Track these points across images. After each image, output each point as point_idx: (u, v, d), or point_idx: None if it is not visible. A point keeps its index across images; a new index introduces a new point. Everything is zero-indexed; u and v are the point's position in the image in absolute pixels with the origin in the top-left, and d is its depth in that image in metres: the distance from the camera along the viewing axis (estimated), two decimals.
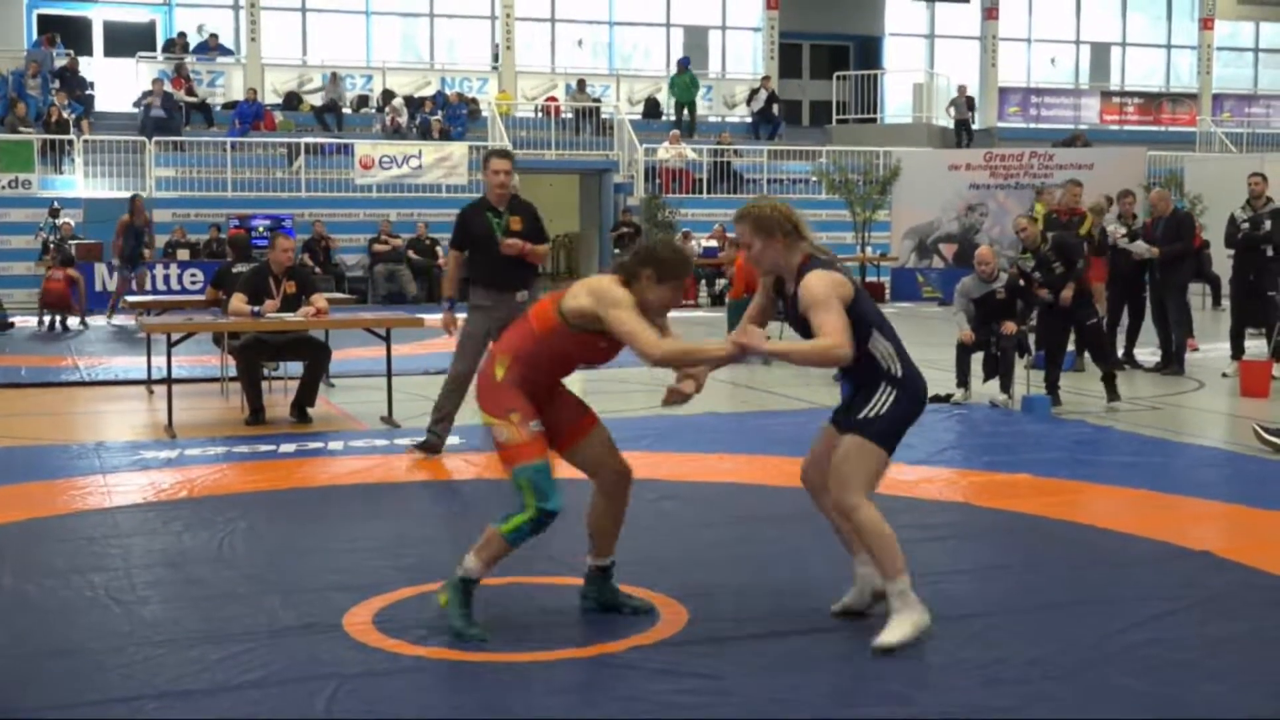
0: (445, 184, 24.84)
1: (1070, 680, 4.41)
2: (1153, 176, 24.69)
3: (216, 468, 8.17)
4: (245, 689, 4.30)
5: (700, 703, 4.20)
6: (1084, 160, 23.71)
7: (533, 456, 4.80)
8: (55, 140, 23.79)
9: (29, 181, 22.78)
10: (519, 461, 4.82)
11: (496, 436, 4.87)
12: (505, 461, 4.86)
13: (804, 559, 5.98)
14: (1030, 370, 11.27)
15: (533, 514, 4.80)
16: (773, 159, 27.99)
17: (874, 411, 4.87)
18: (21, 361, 14.07)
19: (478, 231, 8.40)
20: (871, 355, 4.95)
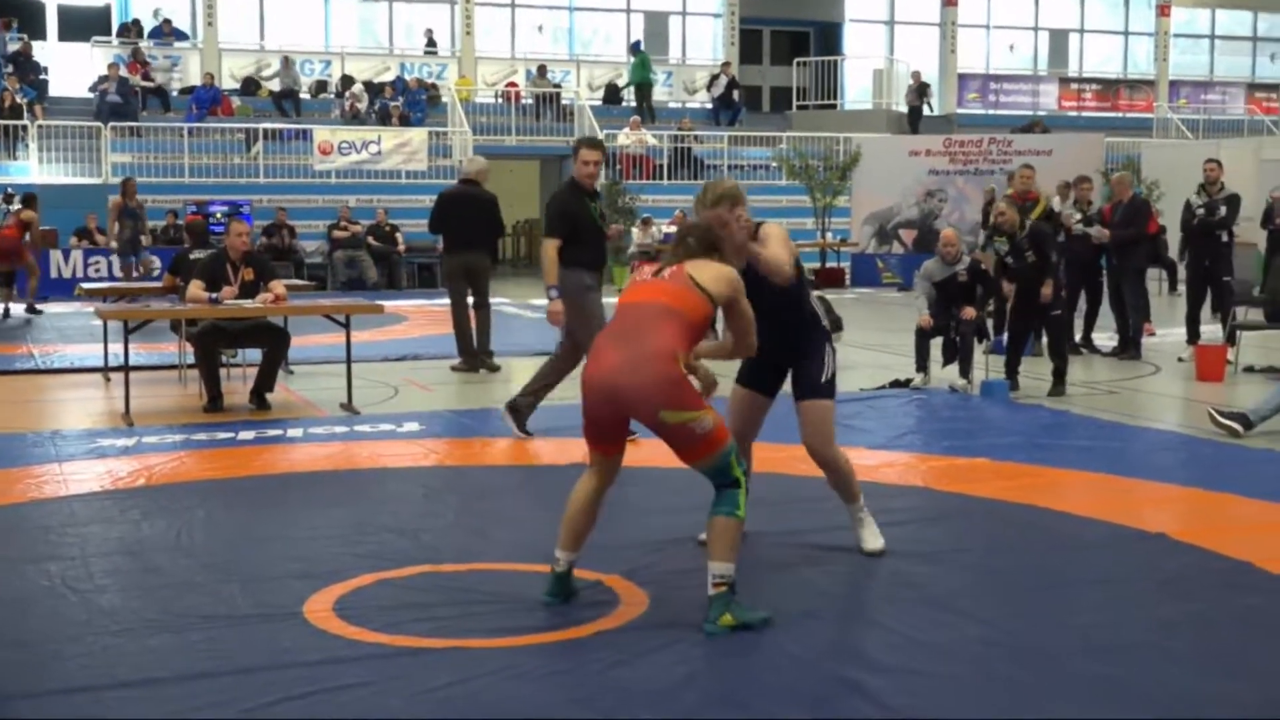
0: (405, 170, 24.75)
1: (1028, 663, 4.44)
2: (1110, 162, 24.86)
3: (174, 455, 8.12)
4: (205, 678, 4.28)
5: (665, 687, 4.21)
6: (1042, 146, 23.83)
7: (728, 435, 4.88)
8: (9, 126, 23.57)
9: None
10: (725, 444, 4.82)
11: (698, 428, 4.74)
12: (708, 450, 4.78)
13: (765, 543, 6.00)
14: (989, 355, 11.34)
15: (744, 481, 4.87)
16: (733, 145, 28.02)
17: (827, 375, 5.73)
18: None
19: (583, 218, 8.51)
20: (814, 313, 5.65)
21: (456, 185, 12.63)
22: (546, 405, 8.86)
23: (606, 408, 4.86)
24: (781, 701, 4.07)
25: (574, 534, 5.09)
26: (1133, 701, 4.10)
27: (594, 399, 4.88)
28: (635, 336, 4.83)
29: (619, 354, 4.81)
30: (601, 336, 5.00)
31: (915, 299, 11.16)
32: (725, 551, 4.77)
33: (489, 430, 9.07)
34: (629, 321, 4.92)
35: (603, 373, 4.82)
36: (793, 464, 7.79)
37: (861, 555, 5.81)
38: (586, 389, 4.91)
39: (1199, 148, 24.52)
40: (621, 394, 4.77)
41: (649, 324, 4.85)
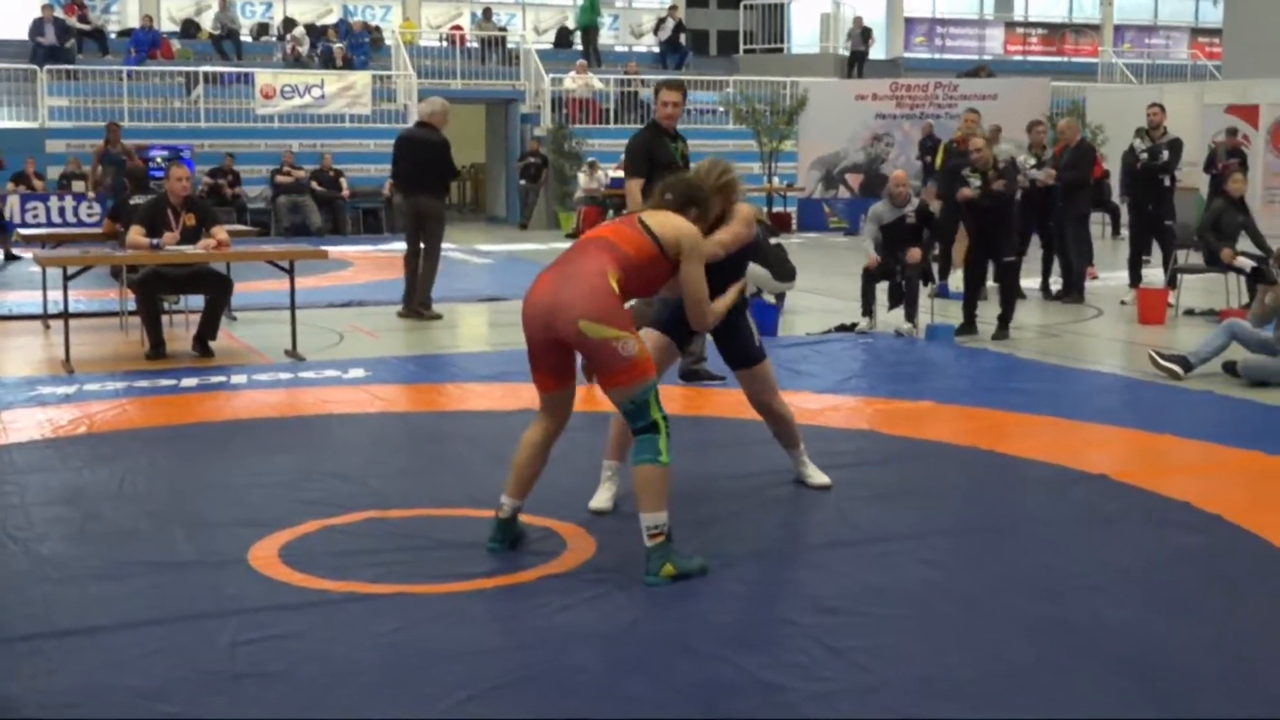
0: (349, 114, 24.49)
1: (972, 605, 4.48)
2: (1056, 107, 24.93)
3: (116, 403, 8.04)
4: (149, 625, 4.25)
5: (610, 632, 4.22)
6: (988, 91, 23.86)
7: (653, 370, 4.78)
8: None
9: None
10: (647, 377, 4.72)
11: (622, 350, 4.64)
12: (629, 377, 4.67)
13: (713, 486, 6.02)
14: (934, 299, 11.38)
15: (665, 426, 4.75)
16: None
17: (757, 339, 5.90)
18: None
19: (662, 159, 8.28)
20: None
21: (411, 128, 12.52)
22: (500, 350, 8.83)
23: (540, 331, 4.82)
24: (728, 643, 4.08)
25: (520, 480, 5.07)
26: (1074, 641, 4.14)
27: (529, 324, 4.86)
28: (569, 262, 4.86)
29: (551, 276, 4.84)
30: (544, 269, 4.97)
31: (862, 242, 11.17)
32: (655, 501, 4.71)
33: (436, 376, 9.03)
34: (570, 254, 4.95)
35: (535, 295, 4.84)
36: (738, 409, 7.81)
37: (810, 493, 5.84)
38: (524, 315, 4.88)
39: (1143, 92, 24.67)
40: (550, 310, 4.74)
41: (585, 251, 4.89)
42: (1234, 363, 8.82)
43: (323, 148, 23.69)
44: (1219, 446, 6.90)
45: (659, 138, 8.49)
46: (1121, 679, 3.85)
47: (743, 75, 28.37)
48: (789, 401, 6.16)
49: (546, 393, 5.03)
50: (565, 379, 5.01)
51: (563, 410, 5.08)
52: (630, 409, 4.75)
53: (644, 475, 4.71)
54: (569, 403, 5.09)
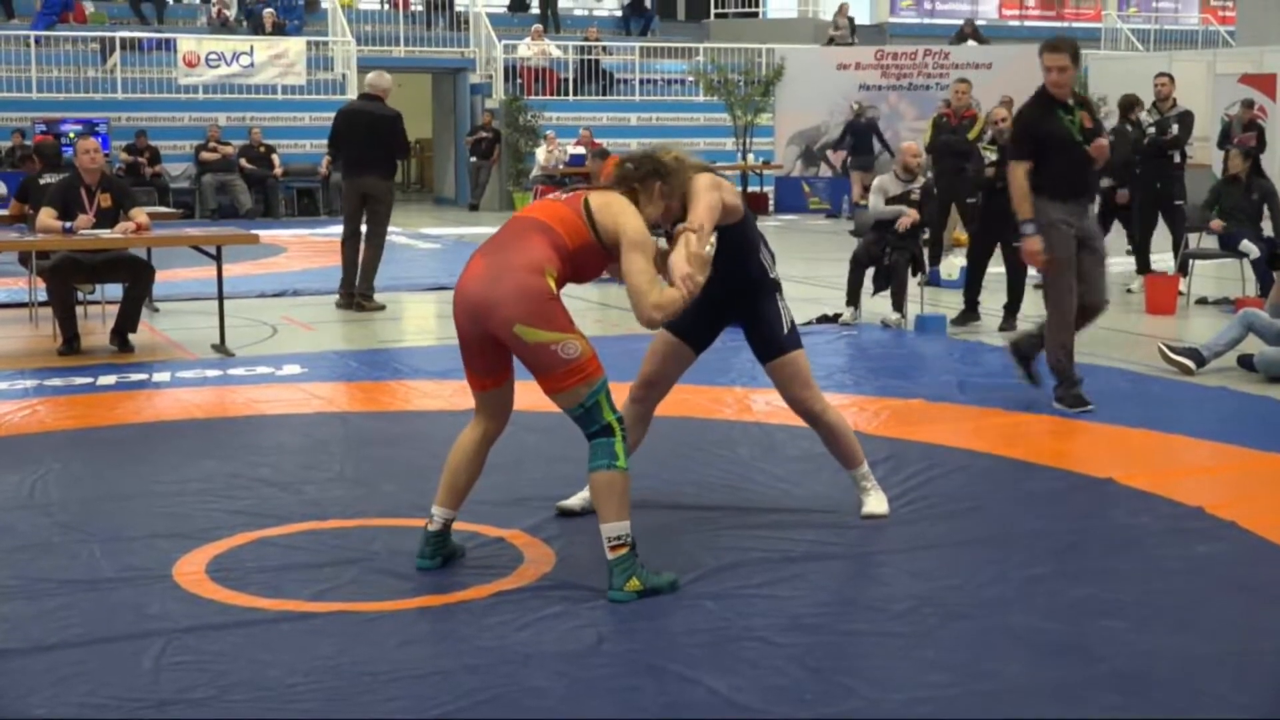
0: (281, 84, 24.40)
1: (964, 619, 4.51)
2: None
3: (26, 403, 8.00)
4: (64, 648, 4.23)
5: (571, 652, 4.23)
6: (982, 59, 24.00)
7: (601, 370, 4.76)
8: None
9: None
10: (593, 378, 4.72)
11: (563, 352, 4.66)
12: (573, 380, 4.68)
13: (678, 491, 6.03)
14: (924, 288, 11.43)
15: (620, 428, 4.75)
16: (645, 57, 27.91)
17: (787, 324, 5.57)
18: None
19: (1054, 134, 7.63)
20: (763, 265, 5.53)
21: (356, 100, 12.48)
22: (448, 344, 8.80)
23: (470, 325, 4.83)
24: (698, 664, 4.10)
25: (453, 488, 5.03)
26: (1075, 657, 4.17)
27: (459, 316, 4.87)
28: (504, 248, 4.83)
29: (484, 265, 4.81)
30: (477, 250, 4.95)
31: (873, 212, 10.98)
32: (616, 510, 4.69)
33: (378, 373, 9.02)
34: (504, 234, 4.91)
35: (466, 285, 4.83)
36: (716, 409, 7.83)
37: (789, 500, 5.85)
38: (455, 306, 4.87)
39: (1149, 60, 24.81)
40: (480, 305, 4.75)
41: (521, 236, 4.84)
42: (1250, 356, 8.89)
43: (252, 121, 23.59)
44: (1234, 447, 6.96)
45: (1049, 110, 7.71)
46: (1123, 697, 3.88)
47: (714, 42, 28.41)
48: (769, 399, 6.16)
49: (481, 391, 5.02)
50: (501, 376, 5.00)
51: (501, 410, 5.07)
52: (580, 414, 4.75)
53: (602, 482, 4.71)
54: (508, 402, 5.08)
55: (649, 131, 26.37)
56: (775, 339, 5.53)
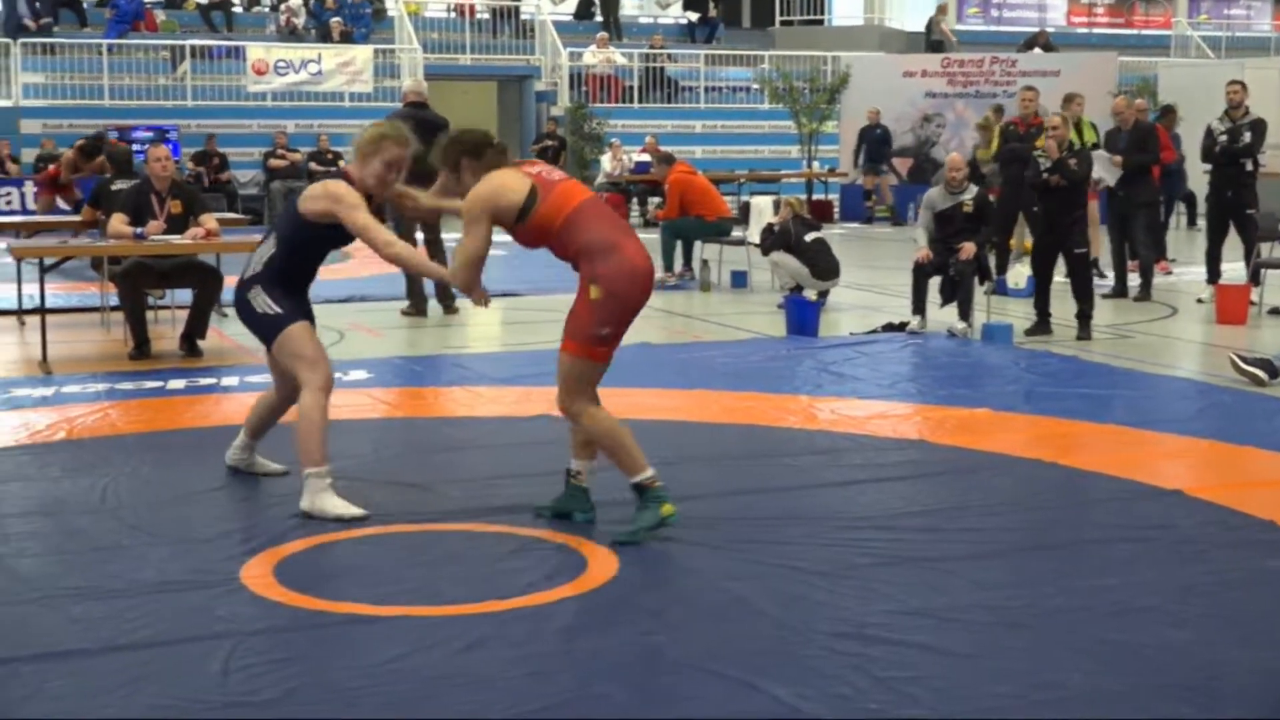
0: (348, 92, 24.56)
1: (1028, 628, 4.49)
2: (1124, 84, 24.86)
3: (97, 407, 8.09)
4: (133, 649, 4.28)
5: (633, 658, 4.24)
6: (1049, 66, 23.81)
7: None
8: None
9: None
10: None
11: None
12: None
13: (741, 498, 6.03)
14: (991, 296, 11.37)
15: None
16: (710, 65, 27.90)
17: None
18: None
19: None
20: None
21: (402, 108, 12.54)
22: (514, 351, 8.86)
23: (642, 301, 5.48)
24: (762, 671, 4.09)
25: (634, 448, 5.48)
26: (1141, 669, 4.14)
27: (639, 292, 5.43)
28: (626, 225, 5.55)
29: (640, 242, 5.45)
30: (614, 230, 5.42)
31: (913, 233, 11.18)
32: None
33: (444, 379, 9.07)
34: (621, 218, 5.64)
35: (646, 262, 5.41)
36: (781, 417, 7.83)
37: (853, 507, 5.84)
38: (635, 280, 5.36)
39: (1221, 68, 24.54)
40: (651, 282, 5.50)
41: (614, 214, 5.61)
42: None
43: (320, 128, 23.75)
44: None
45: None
46: (1189, 709, 3.85)
47: (779, 49, 28.35)
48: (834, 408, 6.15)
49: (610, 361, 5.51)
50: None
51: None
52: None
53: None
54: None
55: (714, 139, 26.39)
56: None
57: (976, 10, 34.34)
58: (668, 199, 14.56)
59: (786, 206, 12.71)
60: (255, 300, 5.91)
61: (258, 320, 5.93)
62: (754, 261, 13.86)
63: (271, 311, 5.89)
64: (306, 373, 5.86)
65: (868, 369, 9.34)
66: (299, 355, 5.87)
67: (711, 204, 14.32)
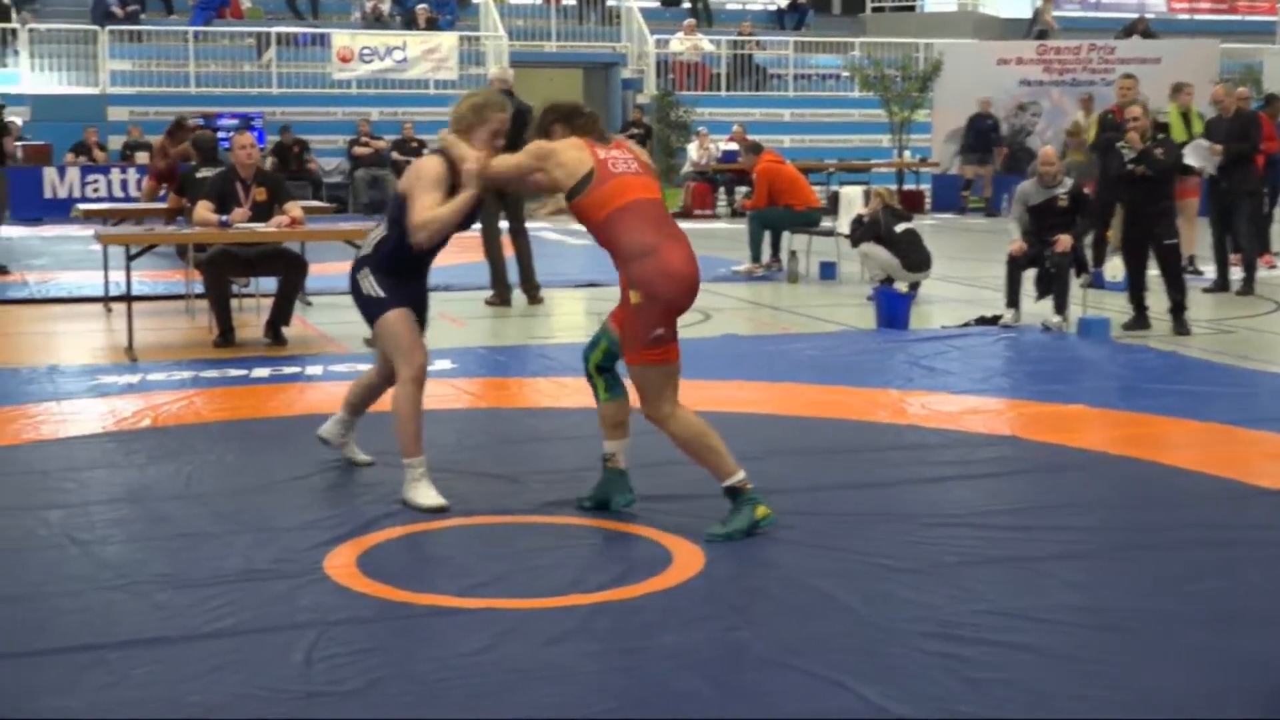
0: (433, 79, 24.71)
1: (1122, 630, 4.44)
2: (1226, 72, 24.48)
3: (182, 394, 8.20)
4: (217, 637, 4.34)
5: (717, 654, 4.24)
6: (1149, 54, 23.51)
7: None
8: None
9: None
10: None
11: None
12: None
13: (829, 494, 6.01)
14: (1088, 290, 11.25)
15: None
16: (799, 52, 27.80)
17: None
18: None
19: None
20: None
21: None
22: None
23: (686, 304, 5.46)
24: (849, 670, 4.08)
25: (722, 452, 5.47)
26: (1241, 673, 4.09)
27: (684, 295, 5.41)
28: (681, 232, 5.49)
29: (689, 247, 5.46)
30: (656, 234, 5.38)
31: (1007, 225, 11.10)
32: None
33: (528, 370, 9.10)
34: (667, 218, 5.52)
35: (690, 267, 5.40)
36: (870, 411, 7.80)
37: (943, 505, 5.80)
38: (679, 284, 5.34)
39: None
40: (697, 285, 5.46)
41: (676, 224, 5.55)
42: None
43: (404, 116, 23.92)
44: None
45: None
46: None
47: (870, 36, 28.21)
48: (925, 402, 6.11)
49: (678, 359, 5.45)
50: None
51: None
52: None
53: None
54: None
55: (803, 128, 26.30)
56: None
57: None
58: (755, 189, 14.52)
59: (876, 197, 12.64)
60: (363, 281, 5.98)
61: (363, 301, 6.00)
62: (843, 252, 13.80)
63: (375, 295, 5.93)
64: (399, 363, 5.91)
65: (959, 363, 9.27)
66: (394, 344, 5.92)
67: (800, 194, 14.28)
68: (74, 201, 19.23)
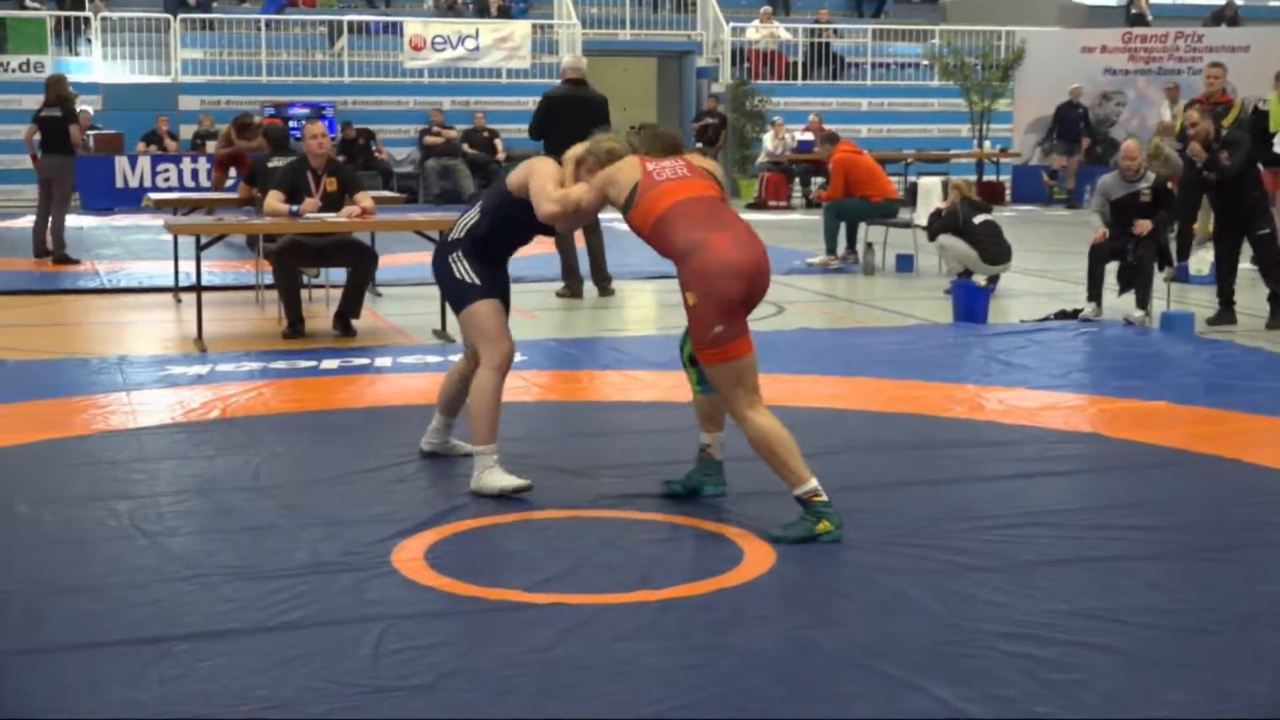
0: (505, 68, 24.79)
1: (1205, 634, 4.39)
2: None
3: (251, 385, 8.28)
4: (284, 630, 4.38)
5: (791, 652, 4.23)
6: (1238, 42, 23.23)
7: None
8: (69, 18, 23.97)
9: (42, 64, 22.90)
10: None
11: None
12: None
13: (905, 490, 5.98)
14: (1171, 284, 11.13)
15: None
16: (877, 40, 27.66)
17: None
18: (36, 266, 14.29)
19: None
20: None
21: (562, 85, 12.60)
22: (670, 334, 8.83)
23: (749, 292, 5.37)
24: (923, 670, 4.06)
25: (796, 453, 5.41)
26: None
27: (743, 282, 5.32)
28: (736, 222, 5.50)
29: (746, 233, 5.44)
30: (703, 228, 5.36)
31: (1089, 217, 11.01)
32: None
33: (599, 362, 9.12)
34: (716, 211, 5.49)
35: (751, 254, 5.37)
36: (948, 406, 7.75)
37: (1023, 502, 5.76)
38: (738, 273, 5.29)
39: None
40: (765, 271, 5.45)
41: (732, 214, 5.56)
42: None
43: (476, 105, 24.02)
44: None
45: None
46: None
47: (950, 24, 28.01)
48: (1003, 398, 6.07)
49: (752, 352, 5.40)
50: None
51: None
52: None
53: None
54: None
55: (880, 118, 26.16)
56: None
57: None
58: (831, 179, 14.46)
59: (954, 190, 12.57)
60: (455, 265, 6.05)
61: (454, 285, 6.07)
62: (920, 245, 13.73)
63: (467, 280, 6.03)
64: (486, 350, 6.00)
65: (1039, 358, 9.20)
66: (482, 332, 6.01)
67: (877, 184, 14.21)
68: (145, 191, 19.46)
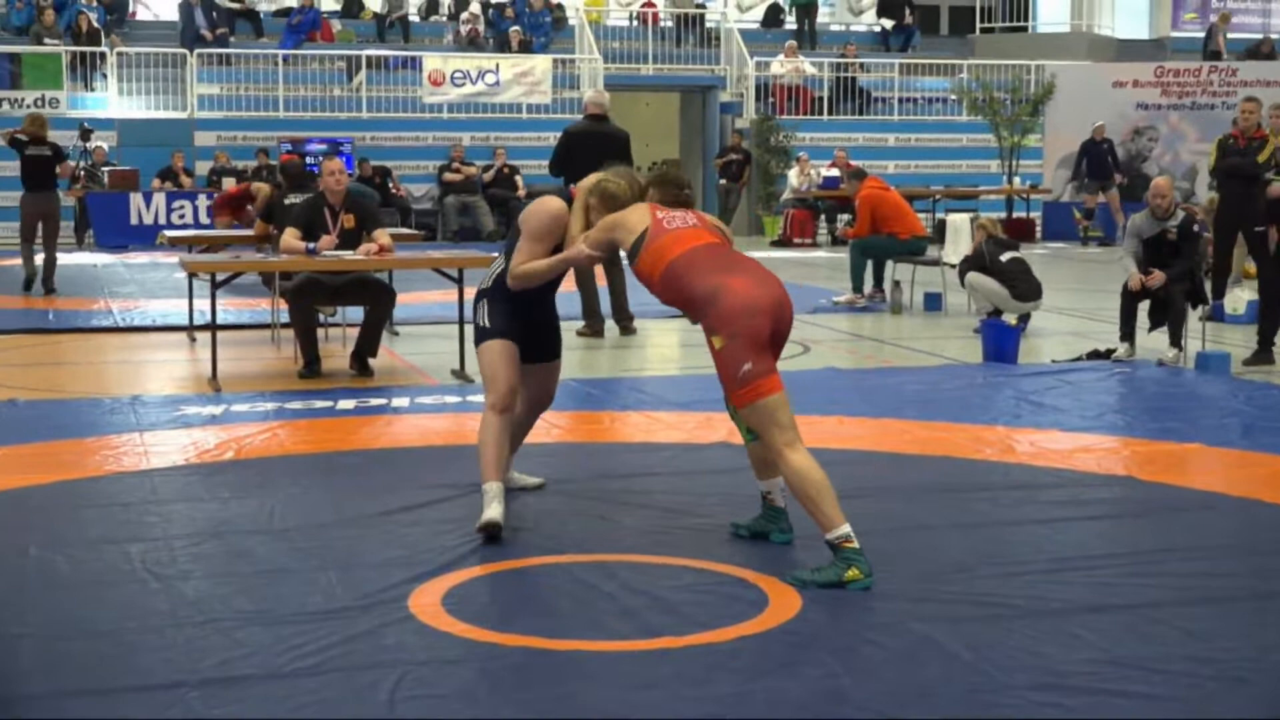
0: (526, 103, 24.87)
1: (1246, 684, 4.37)
2: None
3: (266, 426, 8.30)
4: (299, 676, 4.38)
5: (816, 700, 4.22)
6: (1274, 76, 23.22)
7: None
8: (85, 53, 24.14)
9: (57, 100, 23.13)
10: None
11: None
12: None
13: (935, 534, 5.96)
14: (1206, 323, 11.10)
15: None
16: (905, 74, 27.72)
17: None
18: (48, 304, 14.36)
19: None
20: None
21: (584, 121, 12.64)
22: (693, 374, 8.87)
23: (775, 329, 5.43)
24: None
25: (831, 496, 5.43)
26: None
27: (769, 321, 5.39)
28: (750, 263, 5.65)
29: (764, 274, 5.57)
30: (718, 273, 5.48)
31: (1121, 257, 10.99)
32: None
33: (619, 403, 9.12)
34: (729, 256, 5.64)
35: (773, 292, 5.47)
36: (977, 449, 7.73)
37: (1054, 549, 5.74)
38: (758, 303, 5.37)
39: None
40: (788, 309, 5.52)
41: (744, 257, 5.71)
42: None
43: (496, 141, 24.11)
44: None
45: None
46: None
47: (979, 58, 28.06)
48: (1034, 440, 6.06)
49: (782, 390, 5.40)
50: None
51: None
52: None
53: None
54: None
55: (907, 153, 26.21)
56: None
57: (1194, 16, 33.58)
58: (858, 216, 14.45)
59: (980, 229, 12.58)
60: (478, 310, 6.30)
61: (475, 329, 6.32)
62: (949, 283, 13.72)
63: (483, 324, 6.24)
64: (486, 389, 6.22)
65: (1071, 399, 9.18)
66: (485, 371, 6.23)
67: (904, 221, 14.20)
68: (160, 228, 19.58)
